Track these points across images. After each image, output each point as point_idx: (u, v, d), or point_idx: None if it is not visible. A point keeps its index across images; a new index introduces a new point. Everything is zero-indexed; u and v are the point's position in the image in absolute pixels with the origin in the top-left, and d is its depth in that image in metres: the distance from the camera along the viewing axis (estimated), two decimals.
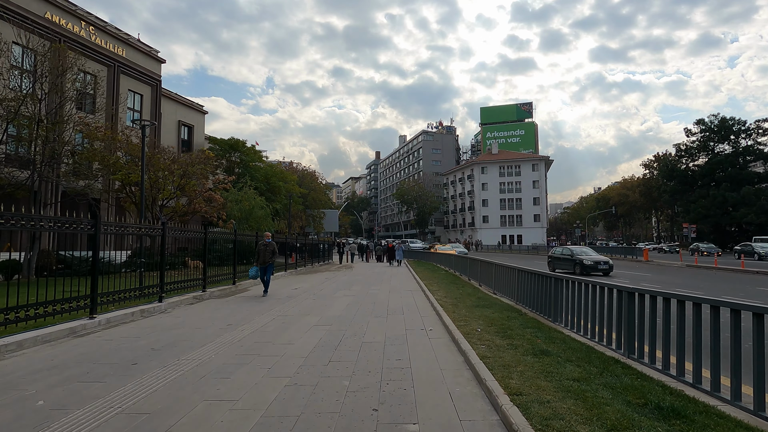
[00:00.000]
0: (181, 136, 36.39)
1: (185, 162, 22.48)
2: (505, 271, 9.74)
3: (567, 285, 6.30)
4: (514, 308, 8.13)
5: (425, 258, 32.84)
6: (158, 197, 22.17)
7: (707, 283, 15.63)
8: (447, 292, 10.99)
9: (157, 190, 22.00)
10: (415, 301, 10.05)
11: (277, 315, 8.19)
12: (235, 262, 13.58)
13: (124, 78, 26.93)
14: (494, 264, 11.04)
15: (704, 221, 56.60)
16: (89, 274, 7.31)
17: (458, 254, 33.12)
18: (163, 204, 22.67)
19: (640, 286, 4.70)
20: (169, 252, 12.59)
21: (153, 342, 5.90)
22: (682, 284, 14.76)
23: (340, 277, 17.84)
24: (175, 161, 22.42)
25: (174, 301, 9.55)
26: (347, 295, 11.29)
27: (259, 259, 11.50)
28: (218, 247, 13.57)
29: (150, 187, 21.80)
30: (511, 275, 9.29)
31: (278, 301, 10.30)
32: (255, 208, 30.54)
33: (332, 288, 13.38)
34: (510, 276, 9.35)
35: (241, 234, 15.27)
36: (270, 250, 11.48)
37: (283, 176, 52.02)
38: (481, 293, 10.64)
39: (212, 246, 13.19)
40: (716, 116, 59.02)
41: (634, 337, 4.59)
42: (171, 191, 22.34)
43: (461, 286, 12.60)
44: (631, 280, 16.63)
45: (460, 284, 13.15)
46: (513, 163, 78.36)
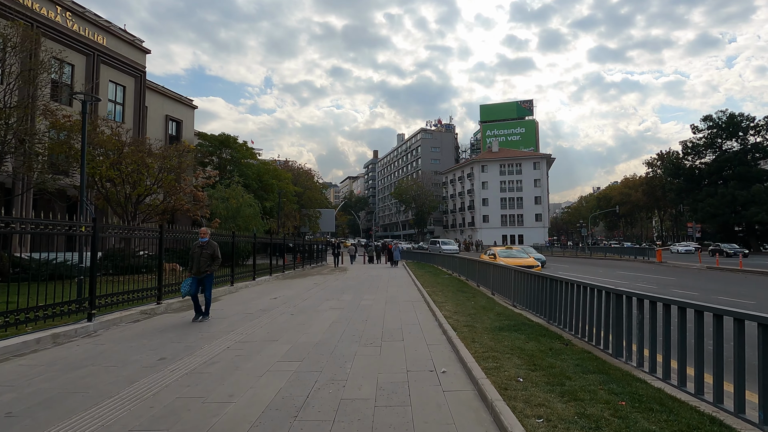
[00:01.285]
0: (169, 131, 34.42)
1: (160, 155, 20.38)
2: (533, 282, 7.72)
3: (647, 307, 4.29)
4: (551, 332, 6.11)
5: (426, 259, 30.83)
6: (132, 194, 20.11)
7: (759, 290, 13.67)
8: (456, 304, 8.97)
9: (131, 187, 19.98)
10: (417, 317, 8.03)
11: (236, 341, 6.16)
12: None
13: (105, 68, 25.05)
14: (513, 270, 9.02)
15: (712, 220, 54.79)
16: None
17: (449, 253, 31.39)
18: (138, 201, 20.58)
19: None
20: (148, 253, 10.56)
21: (25, 397, 3.87)
22: (722, 290, 12.81)
23: (331, 282, 15.82)
24: (151, 154, 20.36)
25: (112, 318, 7.50)
26: (334, 308, 9.26)
27: (193, 267, 8.09)
28: (186, 249, 11.54)
29: (122, 183, 19.79)
30: (540, 286, 7.28)
31: (247, 317, 8.26)
32: (243, 206, 28.48)
33: (319, 297, 11.35)
34: (539, 287, 7.34)
35: (217, 234, 13.23)
36: (208, 254, 8.04)
37: (277, 174, 49.98)
38: (499, 306, 8.62)
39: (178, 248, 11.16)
40: (724, 112, 57.29)
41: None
42: (148, 186, 20.25)
43: (471, 295, 10.59)
44: (659, 285, 14.67)
45: (469, 293, 11.14)
46: (514, 161, 76.43)
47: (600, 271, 22.70)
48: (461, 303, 9.10)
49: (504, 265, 10.24)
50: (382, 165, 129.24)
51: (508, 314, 7.57)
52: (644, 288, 13.39)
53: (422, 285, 13.54)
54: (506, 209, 75.67)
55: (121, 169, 18.86)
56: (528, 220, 74.00)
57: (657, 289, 13.22)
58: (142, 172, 19.42)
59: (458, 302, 9.21)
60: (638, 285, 14.94)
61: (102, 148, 19.03)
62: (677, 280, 17.25)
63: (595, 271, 22.32)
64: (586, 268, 24.51)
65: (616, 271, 22.77)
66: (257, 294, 12.05)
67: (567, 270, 22.52)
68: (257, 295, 11.69)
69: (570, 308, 5.98)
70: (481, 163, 77.92)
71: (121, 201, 19.94)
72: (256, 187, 40.21)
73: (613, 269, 24.04)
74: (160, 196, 21.87)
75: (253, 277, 15.21)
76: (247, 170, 40.81)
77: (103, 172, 18.34)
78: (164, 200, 21.67)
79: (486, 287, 11.93)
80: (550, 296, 6.80)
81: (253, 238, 15.43)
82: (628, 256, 36.15)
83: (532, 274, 7.78)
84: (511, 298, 9.17)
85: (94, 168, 18.15)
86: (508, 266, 9.43)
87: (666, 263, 28.84)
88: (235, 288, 13.02)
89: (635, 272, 21.61)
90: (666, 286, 14.32)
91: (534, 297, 7.58)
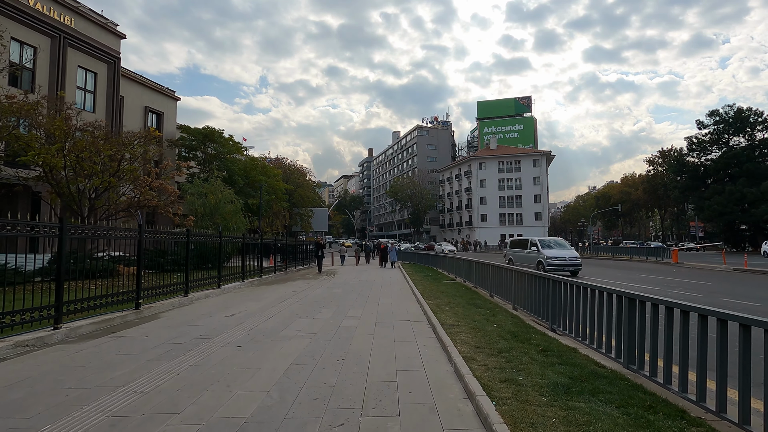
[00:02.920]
0: (148, 123, 31.74)
1: (119, 141, 17.66)
2: (589, 299, 5.16)
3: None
4: (649, 393, 3.57)
5: (424, 261, 28.27)
6: (87, 187, 17.42)
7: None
8: (474, 329, 6.41)
9: (85, 178, 17.31)
10: (420, 353, 5.44)
11: (108, 410, 3.58)
12: (139, 273, 8.88)
13: (74, 52, 22.52)
14: (551, 281, 6.48)
15: (719, 219, 52.67)
16: None
17: (447, 253, 28.61)
18: (95, 195, 17.85)
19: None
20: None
21: None
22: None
23: (314, 290, 13.22)
24: (107, 139, 17.66)
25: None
26: (304, 334, 6.68)
27: None
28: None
29: (74, 174, 17.14)
30: (598, 303, 4.72)
31: (171, 350, 5.66)
32: (222, 202, 25.81)
33: (290, 313, 8.76)
34: (600, 306, 4.79)
35: (152, 231, 10.63)
36: None
37: (266, 170, 47.31)
38: (536, 334, 6.06)
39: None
40: (731, 107, 55.22)
41: None
42: (105, 178, 17.53)
43: (489, 312, 8.04)
44: (702, 293, 12.20)
45: (484, 308, 8.60)
46: (513, 158, 74.08)
47: (618, 274, 20.30)
48: (480, 327, 6.54)
49: (533, 272, 7.71)
50: (378, 163, 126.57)
51: (557, 351, 5.01)
52: (695, 298, 10.93)
53: (422, 294, 10.98)
54: (505, 208, 73.31)
55: (68, 157, 16.20)
56: (527, 219, 71.69)
57: (708, 300, 10.75)
58: (94, 160, 16.75)
59: (476, 325, 6.65)
60: (675, 292, 12.48)
61: (47, 132, 16.33)
62: (715, 285, 14.79)
63: (612, 274, 19.89)
64: (601, 271, 22.09)
65: (636, 273, 20.38)
66: (213, 308, 9.43)
67: (583, 273, 20.08)
68: (211, 311, 9.07)
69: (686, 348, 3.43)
70: (479, 161, 75.50)
71: (74, 195, 17.28)
72: (242, 183, 37.60)
73: (630, 271, 21.62)
74: (121, 190, 19.22)
75: (217, 284, 12.60)
76: (232, 166, 38.23)
77: (48, 159, 15.65)
78: (127, 194, 19.03)
79: (503, 298, 9.40)
80: (629, 323, 4.28)
81: (218, 237, 12.80)
82: (639, 257, 33.79)
83: (590, 287, 5.24)
84: (547, 318, 6.64)
85: (37, 155, 15.46)
86: (544, 276, 6.89)
87: (683, 264, 26.52)
88: (190, 300, 10.41)
89: (657, 275, 19.20)
90: (712, 294, 11.86)
91: (594, 321, 5.03)
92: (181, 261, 10.84)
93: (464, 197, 77.79)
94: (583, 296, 5.37)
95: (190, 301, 10.37)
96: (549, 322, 6.56)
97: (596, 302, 5.01)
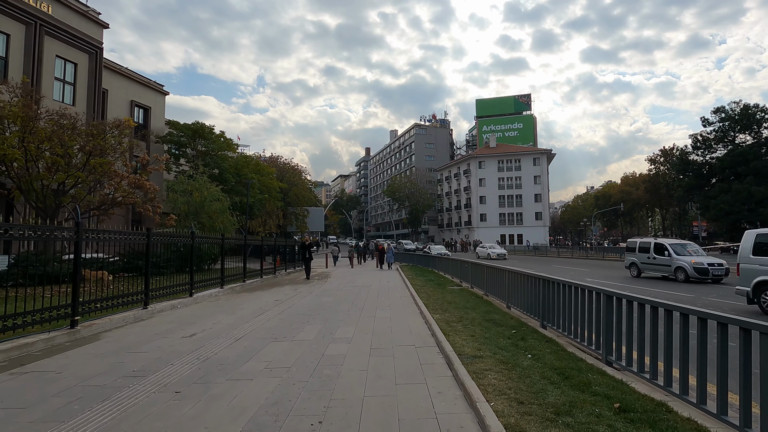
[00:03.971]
0: (135, 118, 29.95)
1: (87, 132, 15.90)
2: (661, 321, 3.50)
3: None
4: None
5: (423, 263, 26.60)
6: (51, 181, 15.66)
7: None
8: (503, 360, 4.73)
9: (50, 172, 15.59)
10: (434, 407, 3.70)
11: None
12: (76, 279, 7.17)
13: (51, 41, 20.77)
14: (603, 294, 4.82)
15: (726, 218, 51.28)
16: None
17: (440, 255, 26.81)
18: (60, 191, 16.09)
19: None
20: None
21: None
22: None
23: (301, 299, 11.52)
24: (75, 129, 15.91)
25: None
26: (273, 368, 4.98)
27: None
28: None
29: (35, 166, 15.39)
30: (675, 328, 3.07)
31: (69, 406, 3.96)
32: (208, 200, 24.07)
33: (264, 332, 7.07)
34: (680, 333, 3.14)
35: (100, 230, 8.95)
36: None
37: (259, 168, 45.59)
38: (592, 372, 4.39)
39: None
40: (737, 103, 53.92)
41: None
42: (71, 173, 15.78)
43: (515, 332, 6.38)
44: None
45: (504, 323, 6.95)
46: (512, 156, 72.56)
47: (609, 273, 18.70)
48: (511, 359, 4.86)
49: (571, 282, 6.06)
50: (375, 162, 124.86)
51: (641, 409, 3.33)
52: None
53: (426, 304, 9.30)
54: (505, 207, 71.77)
55: (29, 148, 14.45)
56: (528, 218, 70.18)
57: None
58: (58, 152, 15.00)
59: (504, 357, 4.96)
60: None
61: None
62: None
63: (604, 274, 18.31)
64: (618, 275, 20.46)
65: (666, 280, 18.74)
66: (173, 325, 7.72)
67: (595, 276, 18.44)
68: (169, 329, 7.37)
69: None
70: (478, 159, 73.95)
71: (37, 191, 15.52)
72: (233, 182, 35.90)
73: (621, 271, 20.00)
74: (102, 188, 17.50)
75: (189, 293, 10.88)
76: (223, 163, 36.53)
77: (4, 150, 13.91)
78: (101, 192, 17.31)
79: (524, 311, 7.75)
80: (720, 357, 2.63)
81: (189, 237, 11.08)
82: None
83: (683, 309, 3.58)
84: (598, 345, 4.99)
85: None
86: (591, 288, 5.24)
87: None
88: (150, 312, 8.70)
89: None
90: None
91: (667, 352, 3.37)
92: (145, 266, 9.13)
93: (463, 196, 76.21)
94: (666, 321, 3.70)
95: (149, 314, 8.66)
96: (602, 351, 4.90)
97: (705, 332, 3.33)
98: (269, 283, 16.11)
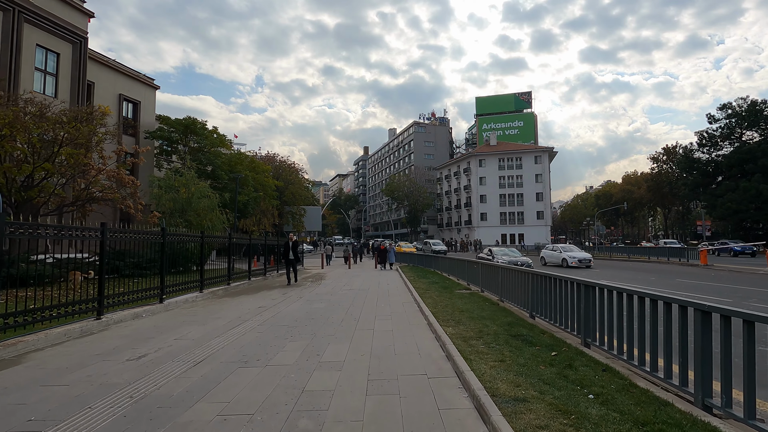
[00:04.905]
0: (123, 113, 28.52)
1: (56, 119, 14.40)
2: None
3: None
4: None
5: (425, 263, 25.14)
6: (17, 175, 14.16)
7: None
8: (555, 405, 3.32)
9: (17, 164, 14.15)
10: None
11: None
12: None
13: (31, 29, 19.41)
14: (706, 311, 3.39)
15: (733, 217, 49.98)
16: None
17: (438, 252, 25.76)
18: (26, 185, 14.60)
19: None
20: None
21: None
22: None
23: (287, 305, 10.07)
24: (42, 116, 14.41)
25: None
26: (229, 418, 3.54)
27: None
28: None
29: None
30: None
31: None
32: (195, 196, 22.56)
33: (233, 352, 5.62)
34: None
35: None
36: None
37: (254, 166, 44.07)
38: (689, 424, 2.96)
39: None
40: (744, 99, 52.57)
41: None
42: (34, 164, 14.30)
43: (554, 353, 4.94)
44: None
45: (536, 341, 5.53)
46: (513, 155, 71.17)
47: (652, 279, 17.35)
48: (565, 398, 3.43)
49: (640, 291, 4.65)
50: (373, 161, 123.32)
51: None
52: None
53: (434, 313, 7.87)
54: (506, 206, 70.37)
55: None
56: (529, 218, 68.81)
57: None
58: (19, 139, 13.52)
59: (557, 399, 3.52)
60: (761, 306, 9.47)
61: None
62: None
63: (645, 279, 16.95)
64: (632, 275, 19.09)
65: (675, 279, 17.41)
66: (126, 341, 6.27)
67: (613, 277, 17.07)
68: (118, 346, 5.91)
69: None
70: (478, 157, 72.53)
71: (0, 183, 14.04)
72: (226, 179, 34.45)
73: (666, 275, 18.62)
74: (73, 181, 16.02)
75: (159, 298, 9.41)
76: (216, 160, 35.05)
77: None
78: (69, 185, 15.86)
79: (551, 321, 6.33)
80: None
81: (159, 235, 9.60)
82: (660, 257, 30.86)
83: None
84: (670, 375, 3.57)
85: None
86: (662, 297, 3.83)
87: (713, 266, 23.63)
88: (104, 324, 7.25)
89: (704, 281, 16.22)
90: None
91: None
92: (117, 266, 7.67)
93: (463, 195, 74.79)
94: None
95: (102, 326, 7.20)
96: (695, 390, 3.47)
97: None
98: (257, 286, 14.64)
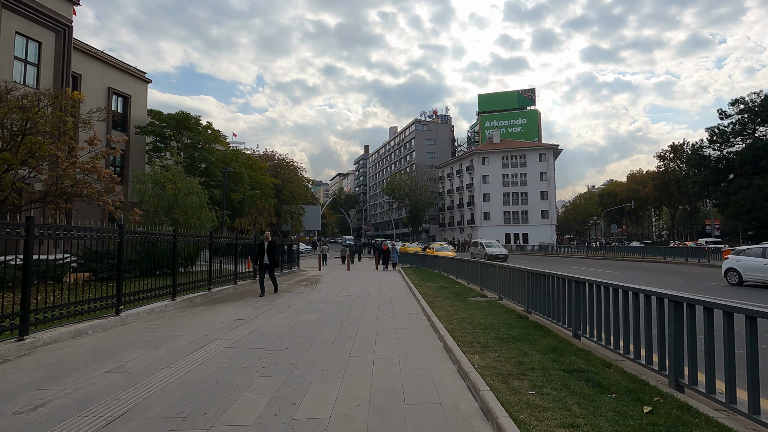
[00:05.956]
0: (113, 107, 26.87)
1: (15, 104, 12.73)
2: None
3: None
4: None
5: (428, 264, 23.45)
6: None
7: None
8: None
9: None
10: None
11: None
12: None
13: (10, 15, 17.88)
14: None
15: (747, 215, 48.13)
16: None
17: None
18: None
19: None
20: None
21: None
22: None
23: (269, 318, 8.40)
24: (3, 99, 12.76)
25: None
26: None
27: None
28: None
29: None
30: None
31: None
32: (182, 193, 20.86)
33: (177, 397, 3.97)
34: None
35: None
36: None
37: (250, 163, 42.44)
38: None
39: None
40: (758, 94, 50.85)
41: None
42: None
43: (656, 412, 3.27)
44: None
45: (604, 382, 3.90)
46: (517, 152, 69.40)
47: (680, 282, 15.66)
48: None
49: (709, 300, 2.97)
50: (374, 160, 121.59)
51: None
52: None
53: (451, 332, 6.20)
54: (509, 205, 68.62)
55: None
56: (533, 217, 67.05)
57: None
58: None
59: None
60: None
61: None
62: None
63: (674, 282, 15.26)
64: (658, 278, 17.39)
65: (706, 282, 15.72)
66: (36, 376, 4.61)
67: (628, 279, 15.41)
68: (24, 384, 4.26)
69: None
70: (481, 155, 70.78)
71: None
72: (220, 176, 32.86)
73: (692, 277, 16.89)
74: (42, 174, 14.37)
75: (115, 309, 7.75)
76: (210, 156, 33.44)
77: None
78: (43, 179, 14.22)
79: (608, 346, 4.67)
80: None
81: (116, 233, 7.95)
82: (676, 258, 29.14)
83: None
84: None
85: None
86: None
87: None
88: (27, 346, 5.59)
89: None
90: None
91: None
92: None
93: (466, 194, 73.05)
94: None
95: (23, 349, 5.54)
96: None
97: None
98: (242, 292, 12.98)
